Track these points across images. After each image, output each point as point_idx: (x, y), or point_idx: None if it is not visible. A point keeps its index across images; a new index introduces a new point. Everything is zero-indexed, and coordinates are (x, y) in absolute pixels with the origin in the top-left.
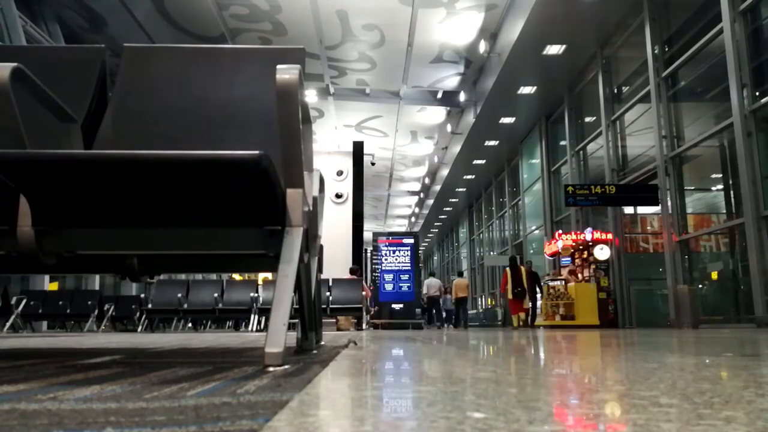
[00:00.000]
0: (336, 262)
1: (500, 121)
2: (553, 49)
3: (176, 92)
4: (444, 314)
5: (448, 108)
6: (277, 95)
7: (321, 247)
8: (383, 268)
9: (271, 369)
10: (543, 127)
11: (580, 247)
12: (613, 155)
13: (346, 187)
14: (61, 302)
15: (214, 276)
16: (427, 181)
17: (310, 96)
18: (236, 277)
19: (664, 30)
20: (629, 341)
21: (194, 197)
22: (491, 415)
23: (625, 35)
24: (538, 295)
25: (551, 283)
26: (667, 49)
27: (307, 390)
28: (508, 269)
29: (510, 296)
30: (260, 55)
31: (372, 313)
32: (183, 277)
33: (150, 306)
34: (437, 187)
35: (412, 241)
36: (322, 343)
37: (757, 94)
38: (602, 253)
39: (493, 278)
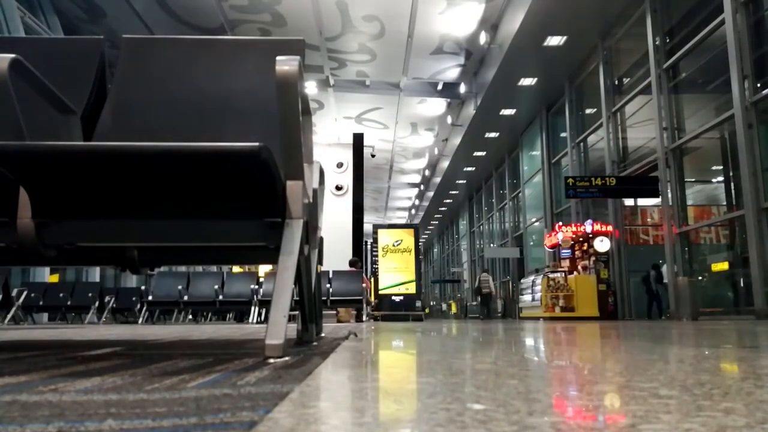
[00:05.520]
0: (336, 255)
1: (501, 113)
2: (554, 41)
3: (176, 84)
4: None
5: (449, 100)
6: (277, 87)
7: (321, 239)
8: (383, 260)
9: (271, 361)
10: (543, 118)
11: (581, 239)
12: (613, 147)
13: (346, 179)
14: (61, 294)
15: (214, 268)
16: (427, 173)
17: (310, 87)
18: (236, 269)
19: (666, 21)
20: (629, 333)
21: (194, 189)
22: (491, 406)
23: (626, 26)
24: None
25: (551, 275)
26: (668, 41)
27: (307, 381)
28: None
29: None
30: (260, 47)
31: (372, 305)
32: (183, 269)
33: (150, 298)
34: (437, 179)
35: (412, 232)
36: (323, 335)
37: (759, 85)
38: (602, 245)
39: (494, 270)
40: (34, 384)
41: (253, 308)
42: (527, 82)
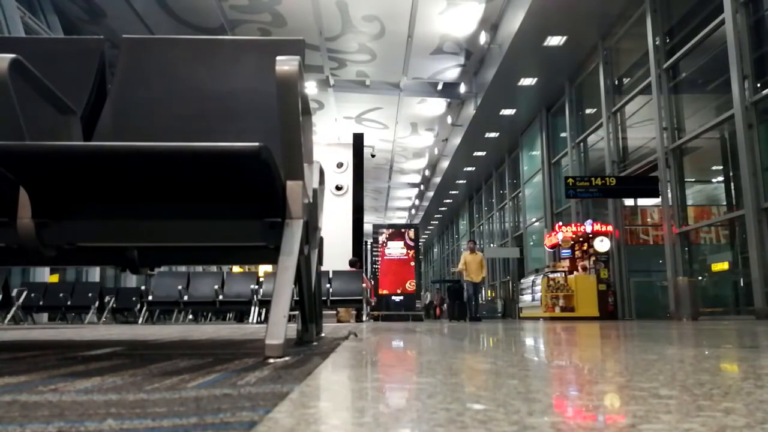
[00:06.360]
0: (336, 255)
1: (501, 113)
2: (554, 41)
3: (175, 84)
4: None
5: (449, 100)
6: (277, 87)
7: (321, 239)
8: (383, 260)
9: (271, 361)
10: (543, 118)
11: (581, 239)
12: (613, 147)
13: (346, 179)
14: (61, 294)
15: (214, 268)
16: (427, 173)
17: (310, 87)
18: (236, 269)
19: (666, 21)
20: (629, 333)
21: (194, 189)
22: (491, 406)
23: (626, 26)
24: None
25: (551, 275)
26: (668, 41)
27: (307, 382)
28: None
29: None
30: (260, 47)
31: (372, 305)
32: (183, 269)
33: (150, 298)
34: (437, 179)
35: (412, 232)
36: (323, 334)
37: (759, 85)
38: (602, 245)
39: (493, 270)
40: (34, 384)
41: (253, 308)
42: (527, 82)
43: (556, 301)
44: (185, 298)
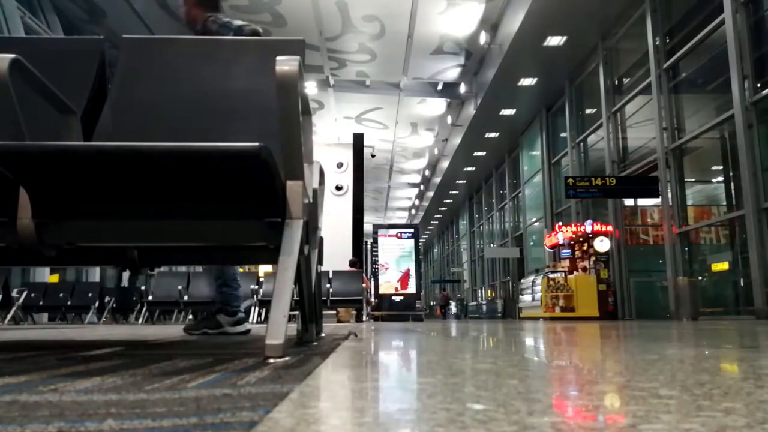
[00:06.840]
0: (336, 255)
1: (501, 113)
2: (554, 41)
3: (176, 84)
4: None
5: (449, 100)
6: (277, 87)
7: (321, 239)
8: (384, 260)
9: (271, 361)
10: (543, 118)
11: (581, 239)
12: (613, 147)
13: (346, 179)
14: (61, 294)
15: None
16: (427, 173)
17: (310, 88)
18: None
19: (666, 21)
20: (629, 333)
21: (194, 189)
22: (491, 406)
23: (626, 26)
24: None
25: (551, 275)
26: (668, 41)
27: (307, 381)
28: None
29: None
30: (260, 47)
31: (373, 305)
32: (183, 269)
33: (150, 298)
34: (437, 179)
35: (412, 232)
36: (323, 334)
37: (759, 85)
38: (602, 245)
39: (494, 270)
40: (34, 384)
41: (253, 308)
42: (527, 82)
43: (556, 301)
44: (185, 298)
